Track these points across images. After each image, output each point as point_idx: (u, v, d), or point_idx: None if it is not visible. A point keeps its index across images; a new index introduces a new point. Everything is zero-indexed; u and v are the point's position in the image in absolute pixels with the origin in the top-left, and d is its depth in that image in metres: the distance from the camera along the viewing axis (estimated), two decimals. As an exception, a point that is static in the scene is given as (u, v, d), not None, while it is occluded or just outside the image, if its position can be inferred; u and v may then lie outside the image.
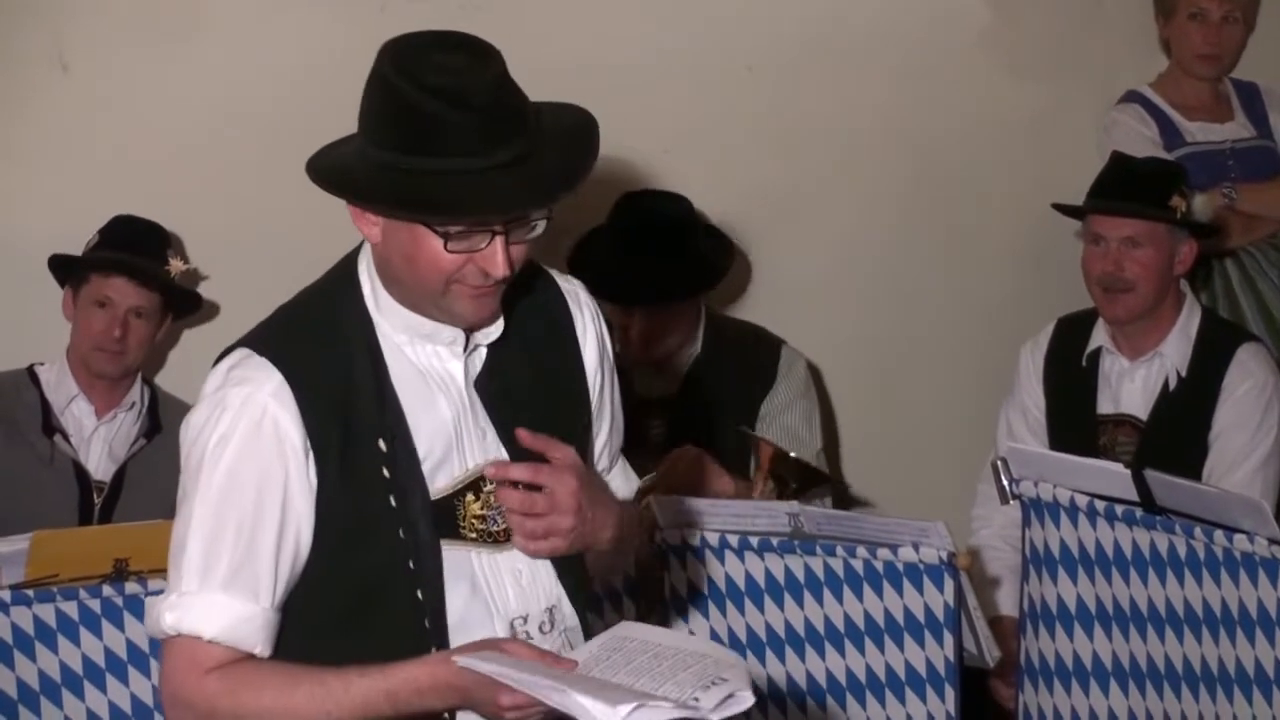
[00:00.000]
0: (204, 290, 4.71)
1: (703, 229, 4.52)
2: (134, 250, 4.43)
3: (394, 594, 2.66)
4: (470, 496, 2.70)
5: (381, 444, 2.64)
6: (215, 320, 4.75)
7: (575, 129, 2.70)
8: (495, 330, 2.72)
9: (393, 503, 2.64)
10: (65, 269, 4.47)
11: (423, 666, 2.55)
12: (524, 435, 2.68)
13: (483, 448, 2.72)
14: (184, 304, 4.56)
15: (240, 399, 2.59)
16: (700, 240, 4.48)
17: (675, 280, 4.37)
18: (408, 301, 2.66)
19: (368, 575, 2.65)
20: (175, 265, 4.48)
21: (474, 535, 2.70)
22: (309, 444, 2.60)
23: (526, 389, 2.77)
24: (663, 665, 2.53)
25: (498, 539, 2.71)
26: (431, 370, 2.69)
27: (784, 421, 4.41)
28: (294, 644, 2.64)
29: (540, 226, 2.63)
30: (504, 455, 2.72)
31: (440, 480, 2.68)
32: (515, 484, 2.67)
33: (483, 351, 2.74)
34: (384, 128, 2.59)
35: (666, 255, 4.33)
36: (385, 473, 2.64)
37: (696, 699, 2.45)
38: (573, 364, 2.85)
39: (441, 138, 2.54)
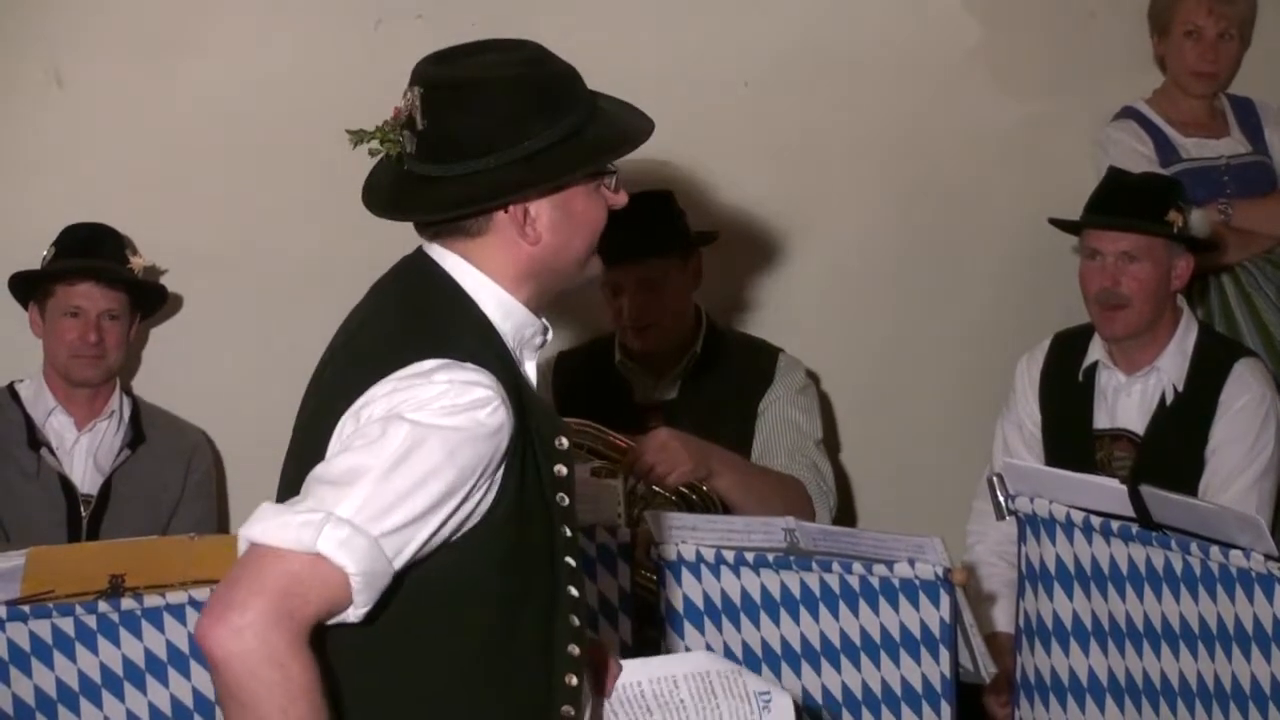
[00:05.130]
0: (190, 300, 4.72)
1: (682, 212, 4.55)
2: (94, 255, 4.44)
3: (546, 584, 2.66)
4: None
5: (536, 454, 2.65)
6: (192, 324, 4.77)
7: None
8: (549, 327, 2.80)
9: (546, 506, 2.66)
10: (29, 285, 4.47)
11: None
12: None
13: None
14: (151, 300, 4.56)
15: (476, 397, 2.52)
16: (680, 217, 4.52)
17: (658, 237, 4.41)
18: (539, 291, 2.71)
19: (523, 567, 2.64)
20: (137, 263, 4.49)
21: None
22: (508, 453, 2.57)
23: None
24: (701, 703, 2.54)
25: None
26: (526, 378, 2.73)
27: (782, 412, 4.43)
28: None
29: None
30: None
31: None
32: None
33: None
34: (525, 117, 2.64)
35: (649, 219, 4.34)
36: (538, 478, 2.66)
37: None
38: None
39: (575, 85, 2.70)
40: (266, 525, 2.47)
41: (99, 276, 4.42)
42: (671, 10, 4.99)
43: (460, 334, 2.62)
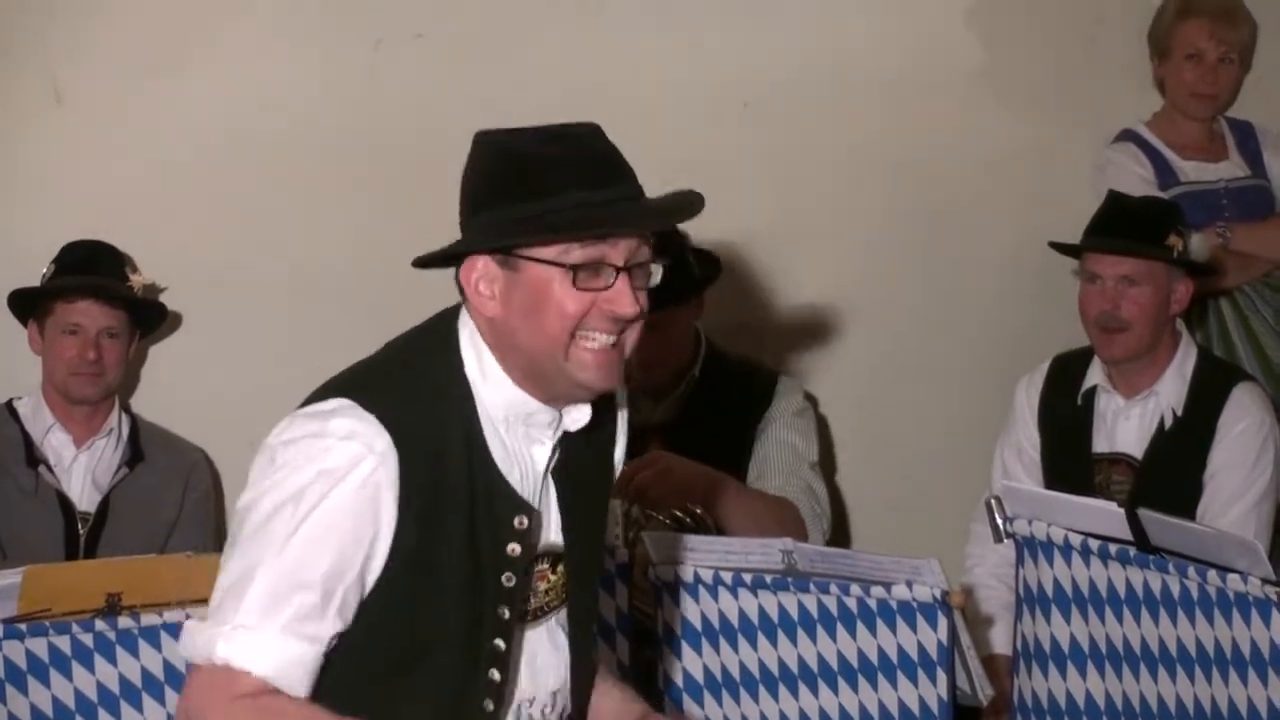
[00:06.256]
0: (189, 317, 4.73)
1: (687, 244, 4.53)
2: (93, 272, 4.44)
3: (459, 665, 2.64)
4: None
5: (466, 521, 2.61)
6: (191, 341, 4.78)
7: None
8: (583, 417, 2.71)
9: (472, 580, 2.62)
10: (28, 303, 4.47)
11: None
12: None
13: (540, 533, 2.71)
14: (150, 318, 4.57)
15: (348, 452, 2.53)
16: (685, 252, 4.49)
17: (662, 287, 4.37)
18: (523, 372, 2.63)
19: (429, 643, 2.63)
20: (136, 280, 4.49)
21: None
22: (398, 507, 2.56)
23: (588, 477, 2.79)
24: None
25: (524, 617, 2.71)
26: (517, 454, 2.67)
27: (779, 434, 4.42)
28: (337, 691, 2.60)
29: (656, 274, 2.67)
30: (559, 539, 2.73)
31: None
32: None
33: (560, 437, 2.73)
34: (496, 187, 2.59)
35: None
36: (468, 551, 2.62)
37: None
38: (612, 451, 2.89)
39: (560, 176, 2.56)
40: (185, 641, 2.58)
41: (98, 294, 4.42)
42: (671, 31, 4.99)
43: (402, 385, 2.62)
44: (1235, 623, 3.39)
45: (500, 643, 2.65)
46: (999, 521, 3.73)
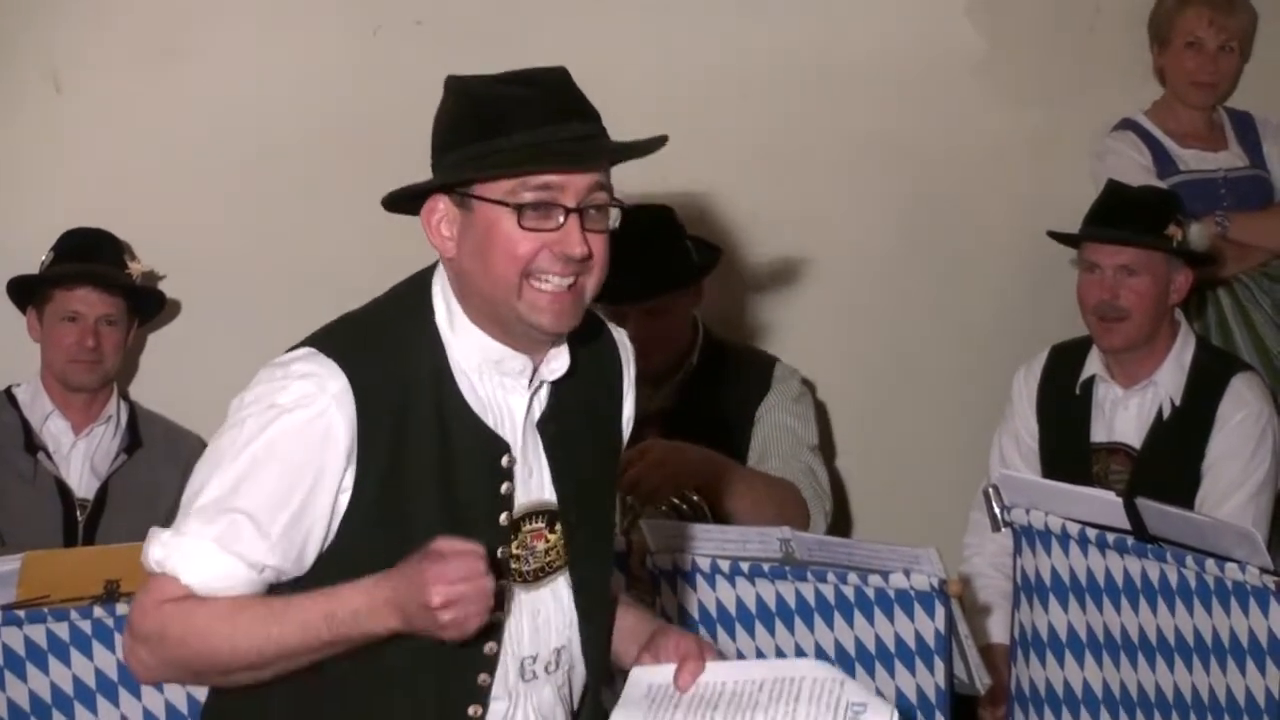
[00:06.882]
0: (188, 305, 4.73)
1: (685, 232, 4.53)
2: (92, 259, 4.45)
3: None
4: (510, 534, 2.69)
5: (433, 477, 2.61)
6: (190, 329, 4.77)
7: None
8: (561, 367, 2.70)
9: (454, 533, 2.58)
10: (26, 290, 4.47)
11: (360, 587, 2.51)
12: None
13: (526, 488, 2.70)
14: (149, 305, 4.57)
15: (301, 390, 2.57)
16: (684, 240, 4.49)
17: (662, 274, 4.38)
18: (485, 316, 2.63)
19: None
20: (135, 268, 4.49)
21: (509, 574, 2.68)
22: (354, 454, 2.57)
23: (579, 433, 2.77)
24: (776, 707, 2.52)
25: (526, 578, 2.70)
26: (493, 403, 2.67)
27: (777, 419, 4.42)
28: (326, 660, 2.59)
29: (614, 217, 2.63)
30: (550, 496, 2.72)
31: None
32: None
33: (545, 390, 2.72)
34: (456, 127, 2.61)
35: (651, 253, 4.33)
36: (438, 505, 2.62)
37: None
38: (616, 414, 2.88)
39: (515, 115, 2.56)
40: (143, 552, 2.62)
41: (97, 281, 4.42)
42: (670, 20, 4.99)
43: (368, 335, 2.64)
44: (1233, 612, 3.40)
45: (496, 612, 2.60)
46: (997, 510, 3.74)
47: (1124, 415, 4.46)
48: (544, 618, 2.73)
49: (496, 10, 4.83)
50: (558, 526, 2.73)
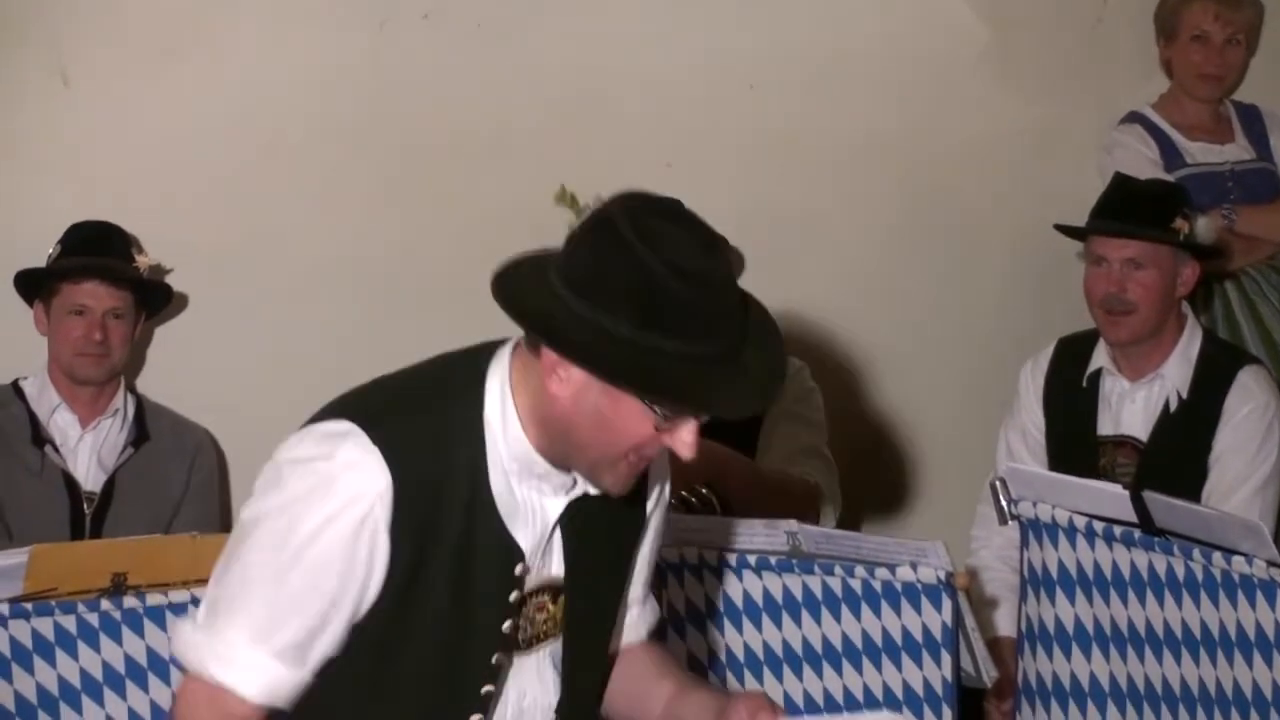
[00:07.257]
0: (195, 299, 4.73)
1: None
2: (99, 253, 4.44)
3: (443, 703, 2.67)
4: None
5: (459, 566, 2.62)
6: (197, 322, 4.78)
7: (764, 320, 2.68)
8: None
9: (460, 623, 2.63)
10: (34, 283, 4.47)
11: None
12: None
13: (539, 570, 2.70)
14: (156, 299, 4.57)
15: (350, 487, 2.52)
16: None
17: None
18: (552, 450, 2.60)
19: (412, 677, 2.65)
20: (143, 261, 4.50)
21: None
22: (392, 550, 2.56)
23: (601, 534, 2.75)
24: None
25: (519, 646, 2.71)
26: (527, 505, 2.65)
27: (787, 412, 4.42)
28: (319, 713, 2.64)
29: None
30: (559, 572, 2.72)
31: None
32: None
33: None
34: (621, 298, 2.47)
35: None
36: (450, 596, 2.63)
37: None
38: (640, 519, 2.85)
39: (689, 321, 2.48)
40: (176, 646, 2.62)
41: (104, 275, 4.42)
42: (676, 13, 4.99)
43: (412, 419, 2.59)
44: (1240, 605, 3.40)
45: (489, 687, 2.66)
46: (1004, 503, 3.73)
47: (1131, 408, 4.46)
48: (526, 688, 2.75)
49: (502, 4, 4.83)
50: (560, 598, 2.74)
